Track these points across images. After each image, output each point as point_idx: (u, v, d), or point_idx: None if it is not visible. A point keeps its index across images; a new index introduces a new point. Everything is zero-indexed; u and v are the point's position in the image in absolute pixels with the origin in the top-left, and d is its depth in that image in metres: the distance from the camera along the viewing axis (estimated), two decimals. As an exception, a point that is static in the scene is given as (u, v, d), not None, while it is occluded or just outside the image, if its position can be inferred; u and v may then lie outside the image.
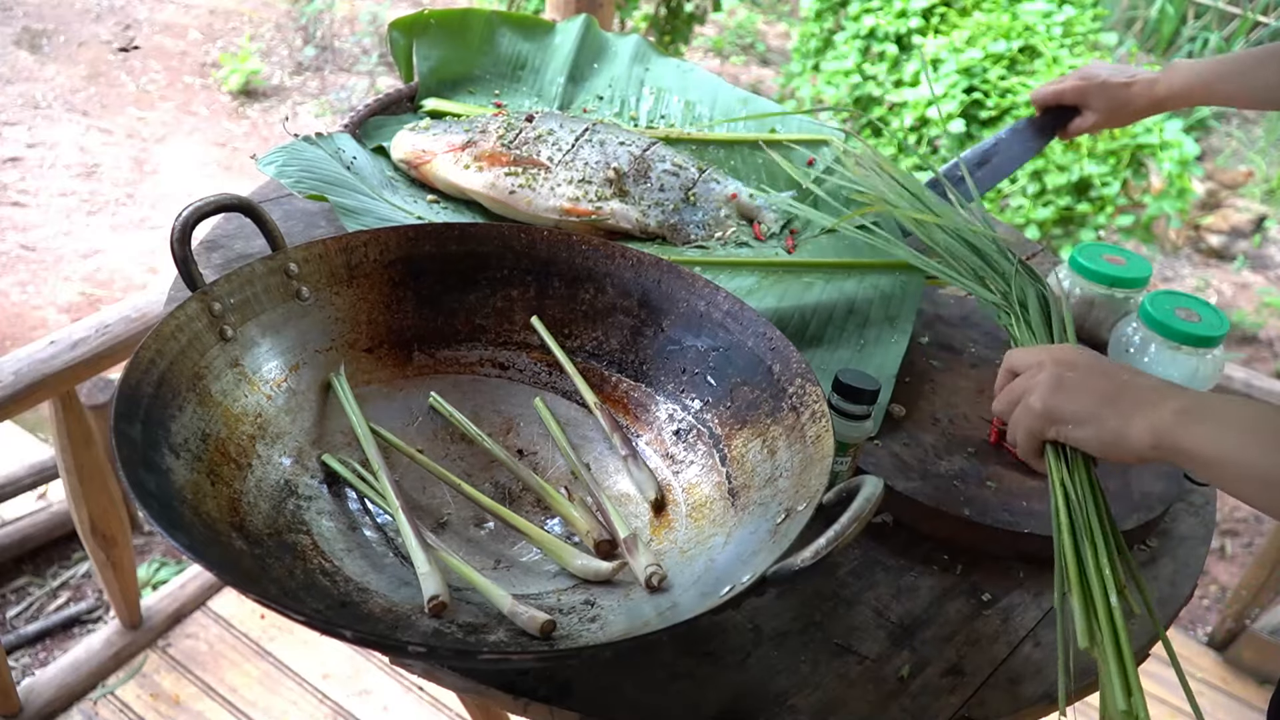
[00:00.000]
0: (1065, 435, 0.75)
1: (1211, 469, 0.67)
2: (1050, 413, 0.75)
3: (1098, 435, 0.72)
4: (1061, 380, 0.75)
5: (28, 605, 2.15)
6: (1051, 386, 0.76)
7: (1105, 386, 0.74)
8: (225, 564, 0.67)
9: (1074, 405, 0.74)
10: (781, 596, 0.83)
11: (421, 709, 1.94)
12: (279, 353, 0.86)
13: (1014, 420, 0.79)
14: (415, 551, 0.74)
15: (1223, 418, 0.67)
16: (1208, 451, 0.66)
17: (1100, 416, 0.72)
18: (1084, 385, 0.74)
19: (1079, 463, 0.76)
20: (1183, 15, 4.99)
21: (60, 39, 4.54)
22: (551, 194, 1.15)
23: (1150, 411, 0.70)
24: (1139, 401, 0.71)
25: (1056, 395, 0.75)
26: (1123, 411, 0.71)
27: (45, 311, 3.15)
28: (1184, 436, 0.67)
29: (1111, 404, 0.72)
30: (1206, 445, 0.67)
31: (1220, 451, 0.66)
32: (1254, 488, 0.65)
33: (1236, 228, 4.19)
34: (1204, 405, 0.69)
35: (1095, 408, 0.73)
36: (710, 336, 0.91)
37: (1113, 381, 0.74)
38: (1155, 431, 0.69)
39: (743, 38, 5.32)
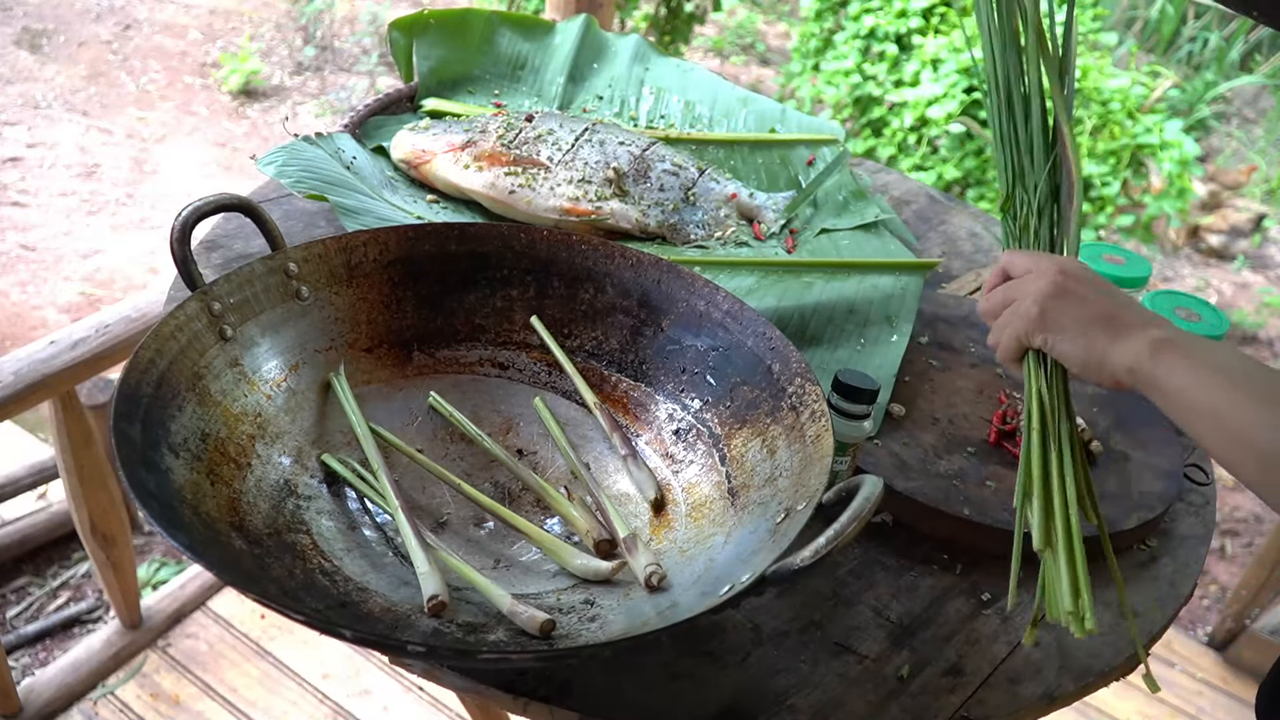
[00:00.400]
0: (1051, 345, 0.74)
1: (1173, 401, 0.67)
2: (1044, 318, 0.74)
3: (1085, 350, 0.72)
4: (1063, 289, 0.75)
5: (28, 605, 2.15)
6: (1051, 293, 0.75)
7: (1104, 305, 0.73)
8: (225, 564, 0.67)
9: (1069, 317, 0.73)
10: (781, 596, 0.83)
11: (421, 709, 1.94)
12: (278, 352, 0.86)
13: (1002, 321, 0.78)
14: (415, 551, 0.74)
15: (1199, 354, 0.67)
16: (1174, 382, 0.66)
17: (1090, 333, 0.72)
18: (1084, 299, 0.74)
19: (1057, 374, 0.76)
20: (1183, 15, 4.99)
21: (60, 39, 4.53)
22: (551, 194, 1.15)
23: (1138, 335, 0.70)
24: (1130, 324, 0.71)
25: (1055, 302, 0.74)
26: (1113, 332, 0.71)
27: (45, 311, 3.15)
28: (1158, 364, 0.67)
29: (1105, 324, 0.72)
30: (1174, 376, 0.67)
31: (1184, 383, 0.66)
32: (1207, 425, 0.65)
33: (1236, 227, 4.18)
34: (1186, 341, 0.69)
35: (1088, 323, 0.72)
36: (710, 336, 0.91)
37: (1113, 301, 0.73)
38: (1134, 355, 0.69)
39: (743, 38, 5.32)
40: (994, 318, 0.80)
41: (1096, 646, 0.85)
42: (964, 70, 3.21)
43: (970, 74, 3.20)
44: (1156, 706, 2.16)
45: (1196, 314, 1.08)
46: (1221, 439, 0.65)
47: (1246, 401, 0.64)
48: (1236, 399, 0.64)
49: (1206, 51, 4.90)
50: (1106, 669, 0.83)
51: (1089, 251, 1.17)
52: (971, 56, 1.00)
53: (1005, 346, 0.78)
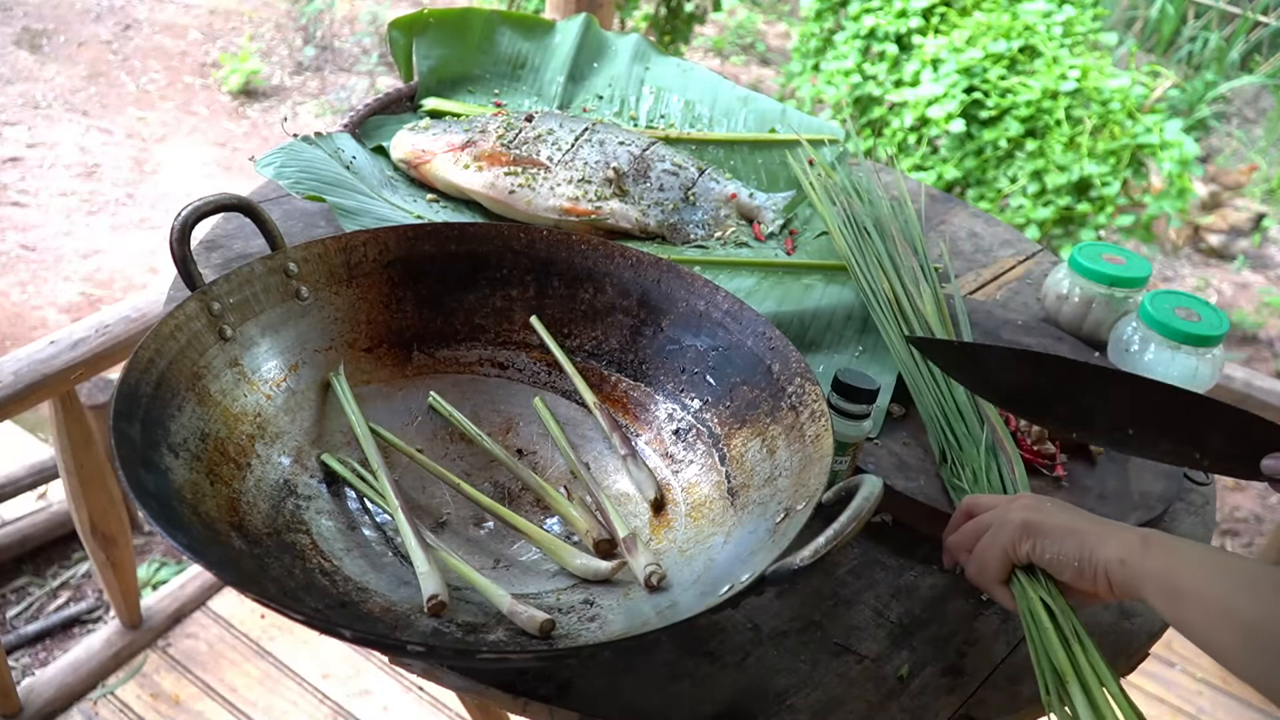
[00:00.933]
0: (1040, 550, 0.74)
1: (1162, 587, 0.68)
2: (1030, 526, 0.74)
3: (1076, 549, 0.72)
4: (1040, 504, 0.77)
5: (28, 605, 2.15)
6: (1031, 506, 0.77)
7: (1083, 516, 0.75)
8: (225, 564, 0.67)
9: (1055, 523, 0.74)
10: (781, 596, 0.83)
11: (421, 709, 1.94)
12: (278, 352, 0.86)
13: (983, 544, 0.77)
14: (415, 551, 0.74)
15: (1186, 546, 0.69)
16: (1166, 566, 0.68)
17: (1079, 531, 0.73)
18: (1062, 510, 0.76)
19: (1054, 588, 0.75)
20: (1183, 15, 4.99)
21: (60, 39, 4.54)
22: (551, 194, 1.15)
23: (1127, 532, 0.71)
24: (1114, 527, 0.72)
25: (1036, 514, 0.75)
26: (1100, 533, 0.72)
27: (45, 311, 3.15)
28: (1149, 554, 0.69)
29: (1090, 526, 0.73)
30: (1165, 561, 0.68)
31: (1174, 566, 0.68)
32: (1195, 608, 0.66)
33: (1236, 227, 4.19)
34: (1168, 538, 0.70)
35: (1075, 528, 0.73)
36: (710, 336, 0.91)
37: (1088, 515, 0.75)
38: (1127, 547, 0.70)
39: (743, 38, 5.32)
40: (968, 550, 0.79)
41: (1096, 646, 0.84)
42: (964, 70, 3.21)
43: (970, 74, 3.20)
44: (1156, 706, 2.16)
45: (1196, 314, 1.08)
46: (1208, 620, 0.66)
47: (1230, 581, 0.65)
48: (1223, 579, 0.66)
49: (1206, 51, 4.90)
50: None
51: (1089, 251, 1.16)
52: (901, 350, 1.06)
53: (991, 568, 0.77)
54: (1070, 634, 0.73)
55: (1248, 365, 3.21)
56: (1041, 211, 3.23)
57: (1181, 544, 0.70)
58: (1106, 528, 0.73)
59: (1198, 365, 1.06)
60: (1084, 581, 0.72)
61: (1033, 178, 3.23)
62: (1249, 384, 1.95)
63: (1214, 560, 0.68)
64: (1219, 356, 1.07)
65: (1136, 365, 1.08)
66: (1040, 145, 3.20)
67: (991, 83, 3.21)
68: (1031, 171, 3.22)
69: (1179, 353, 1.06)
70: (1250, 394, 1.93)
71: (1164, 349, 1.06)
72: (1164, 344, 1.06)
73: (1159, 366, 1.07)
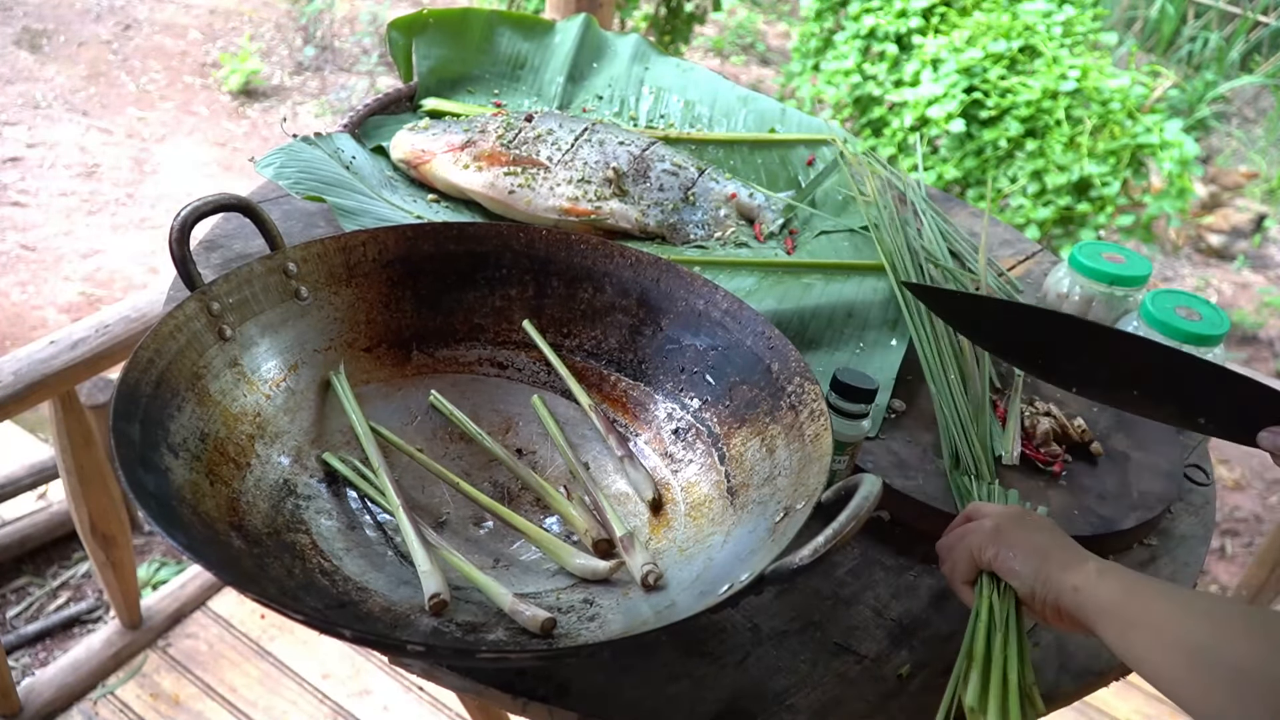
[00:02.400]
0: (1004, 562, 0.75)
1: (1113, 617, 0.68)
2: (1000, 533, 0.76)
3: (1034, 570, 0.73)
4: (1021, 517, 0.78)
5: (28, 605, 2.15)
6: (1009, 515, 0.78)
7: (1057, 539, 0.76)
8: (225, 564, 0.67)
9: (1021, 537, 0.75)
10: (780, 596, 0.83)
11: (421, 709, 1.94)
12: (278, 352, 0.86)
13: (954, 536, 0.80)
14: (416, 550, 0.74)
15: (1143, 580, 0.69)
16: (1116, 596, 0.68)
17: (1046, 556, 0.74)
18: (1039, 528, 0.77)
19: (1009, 597, 0.76)
20: (1183, 15, 4.98)
21: (60, 39, 4.53)
22: (551, 194, 1.15)
23: (1087, 563, 0.72)
24: (1079, 557, 0.73)
25: (1010, 524, 0.77)
26: (1061, 560, 0.73)
27: (45, 311, 3.15)
28: (1102, 582, 0.69)
29: (1056, 551, 0.74)
30: (1117, 592, 0.68)
31: (1126, 597, 0.68)
32: (1145, 637, 0.66)
33: (1237, 227, 4.18)
34: (1125, 571, 0.71)
35: (1039, 548, 0.74)
36: (709, 335, 0.91)
37: (1065, 540, 0.76)
38: (1082, 576, 0.70)
39: (743, 38, 5.32)
40: (949, 551, 0.81)
41: (1096, 647, 0.84)
42: (964, 70, 3.21)
43: (971, 74, 3.20)
44: (1156, 706, 2.16)
45: (1197, 313, 1.08)
46: (1159, 652, 0.65)
47: (1182, 611, 0.65)
48: (1174, 610, 0.66)
49: (1206, 51, 4.90)
50: (1106, 669, 0.83)
51: (1089, 250, 1.16)
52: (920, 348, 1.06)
53: (959, 567, 0.78)
54: (1003, 636, 0.73)
55: (1248, 365, 3.21)
56: (1041, 211, 3.23)
57: (1139, 577, 0.70)
58: (1071, 555, 0.73)
59: (1197, 365, 1.06)
60: (1035, 602, 0.73)
61: (1033, 178, 3.23)
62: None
63: (1169, 593, 0.67)
64: (1220, 356, 1.07)
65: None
66: (1040, 145, 3.20)
67: (991, 83, 3.21)
68: (1031, 172, 3.22)
69: (1179, 352, 1.05)
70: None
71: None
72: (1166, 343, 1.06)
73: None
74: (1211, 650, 0.62)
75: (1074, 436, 1.01)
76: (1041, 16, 3.30)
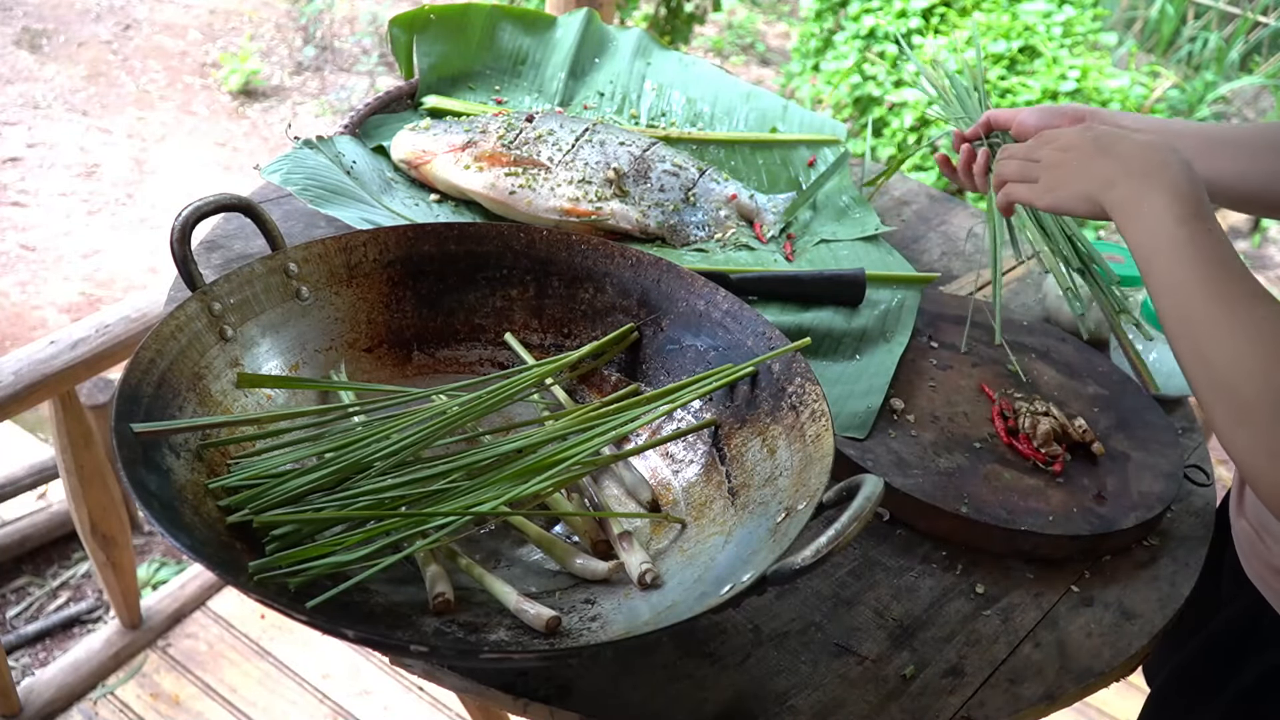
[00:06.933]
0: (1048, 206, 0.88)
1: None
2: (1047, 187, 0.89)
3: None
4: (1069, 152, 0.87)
5: (28, 605, 2.15)
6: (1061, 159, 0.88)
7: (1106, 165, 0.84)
8: (225, 564, 0.67)
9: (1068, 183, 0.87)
10: (781, 597, 0.83)
11: (421, 709, 1.94)
12: (279, 352, 0.86)
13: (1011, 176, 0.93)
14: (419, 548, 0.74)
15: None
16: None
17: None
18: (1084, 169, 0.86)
19: None
20: (1183, 15, 4.98)
21: (60, 39, 4.53)
22: (551, 194, 1.15)
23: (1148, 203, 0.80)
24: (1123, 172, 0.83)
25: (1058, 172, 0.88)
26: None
27: (45, 311, 3.15)
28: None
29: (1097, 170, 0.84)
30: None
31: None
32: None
33: (1234, 227, 4.19)
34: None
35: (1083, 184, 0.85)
36: (710, 336, 0.91)
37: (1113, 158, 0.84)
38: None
39: (743, 38, 5.31)
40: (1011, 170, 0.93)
41: (1097, 647, 0.85)
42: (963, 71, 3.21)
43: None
44: (1156, 706, 2.16)
45: (1197, 314, 1.08)
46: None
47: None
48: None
49: (1206, 51, 4.89)
50: (1106, 669, 0.83)
51: (1089, 251, 1.16)
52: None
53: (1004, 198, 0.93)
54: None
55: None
56: (1041, 211, 3.23)
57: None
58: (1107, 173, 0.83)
59: (1198, 365, 1.06)
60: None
61: (1033, 178, 3.22)
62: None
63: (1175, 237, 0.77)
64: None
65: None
66: (1040, 145, 3.19)
67: (991, 83, 3.21)
68: (1031, 171, 3.22)
69: (1180, 353, 1.05)
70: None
71: (1167, 348, 1.06)
72: (1168, 344, 1.06)
73: (1162, 365, 1.07)
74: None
75: (1074, 436, 1.01)
76: (1041, 17, 3.30)
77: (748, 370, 0.86)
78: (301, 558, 0.69)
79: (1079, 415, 1.04)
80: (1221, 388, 0.72)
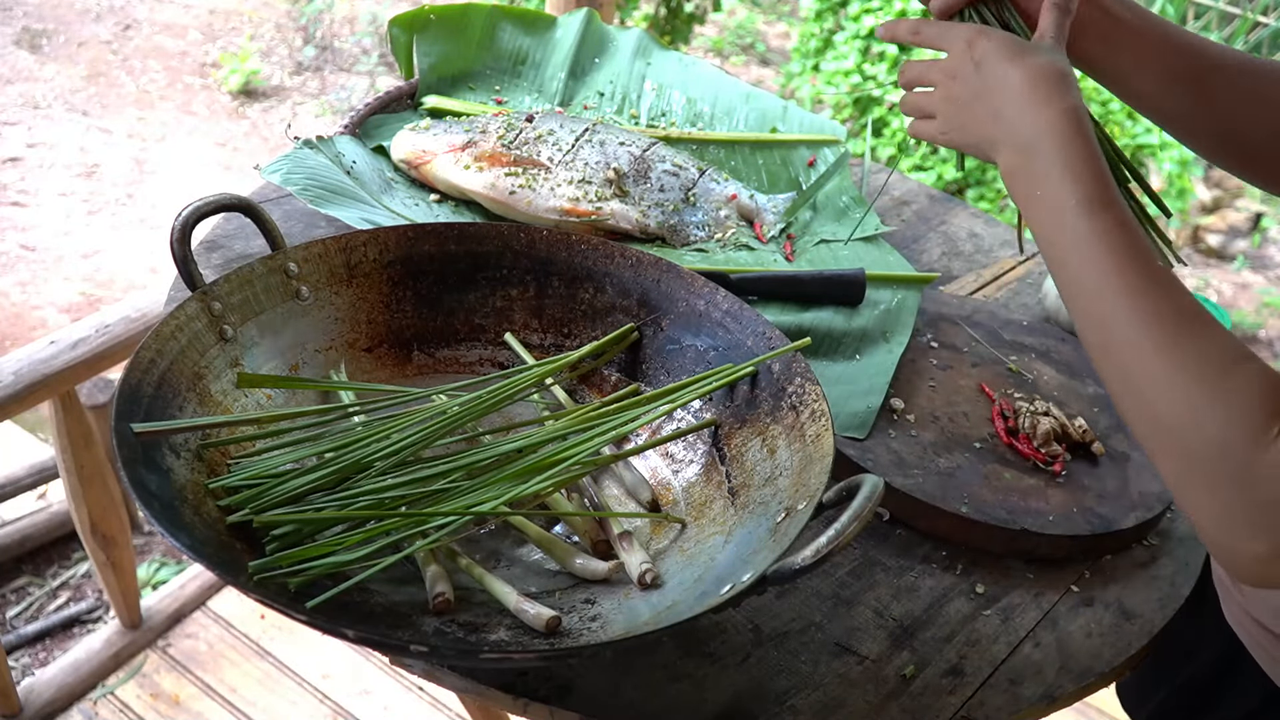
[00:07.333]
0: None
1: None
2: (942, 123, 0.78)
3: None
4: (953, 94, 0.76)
5: (28, 605, 2.15)
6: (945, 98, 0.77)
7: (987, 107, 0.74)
8: (225, 564, 0.67)
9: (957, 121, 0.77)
10: (781, 596, 0.83)
11: (421, 709, 1.94)
12: (279, 352, 0.86)
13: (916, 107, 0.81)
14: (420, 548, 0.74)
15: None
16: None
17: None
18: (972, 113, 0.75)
19: None
20: (1183, 15, 4.98)
21: (60, 39, 4.53)
22: (551, 194, 1.15)
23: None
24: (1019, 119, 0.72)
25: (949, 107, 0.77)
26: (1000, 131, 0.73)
27: (45, 311, 3.15)
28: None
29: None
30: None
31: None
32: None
33: (1234, 226, 4.19)
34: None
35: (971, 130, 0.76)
36: (710, 336, 0.91)
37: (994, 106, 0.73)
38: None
39: (743, 38, 5.31)
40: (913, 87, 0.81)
41: (1097, 647, 0.85)
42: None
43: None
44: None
45: (1197, 314, 1.08)
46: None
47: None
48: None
49: (1206, 51, 4.89)
50: (1106, 669, 0.83)
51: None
52: None
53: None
54: None
55: (1247, 365, 3.20)
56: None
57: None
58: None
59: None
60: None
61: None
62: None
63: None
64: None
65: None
66: (1040, 145, 3.19)
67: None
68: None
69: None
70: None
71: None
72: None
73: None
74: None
75: (1074, 436, 1.01)
76: (1041, 17, 3.30)
77: (748, 370, 0.86)
78: (301, 558, 0.69)
79: (1079, 415, 1.04)
80: (1165, 435, 0.60)
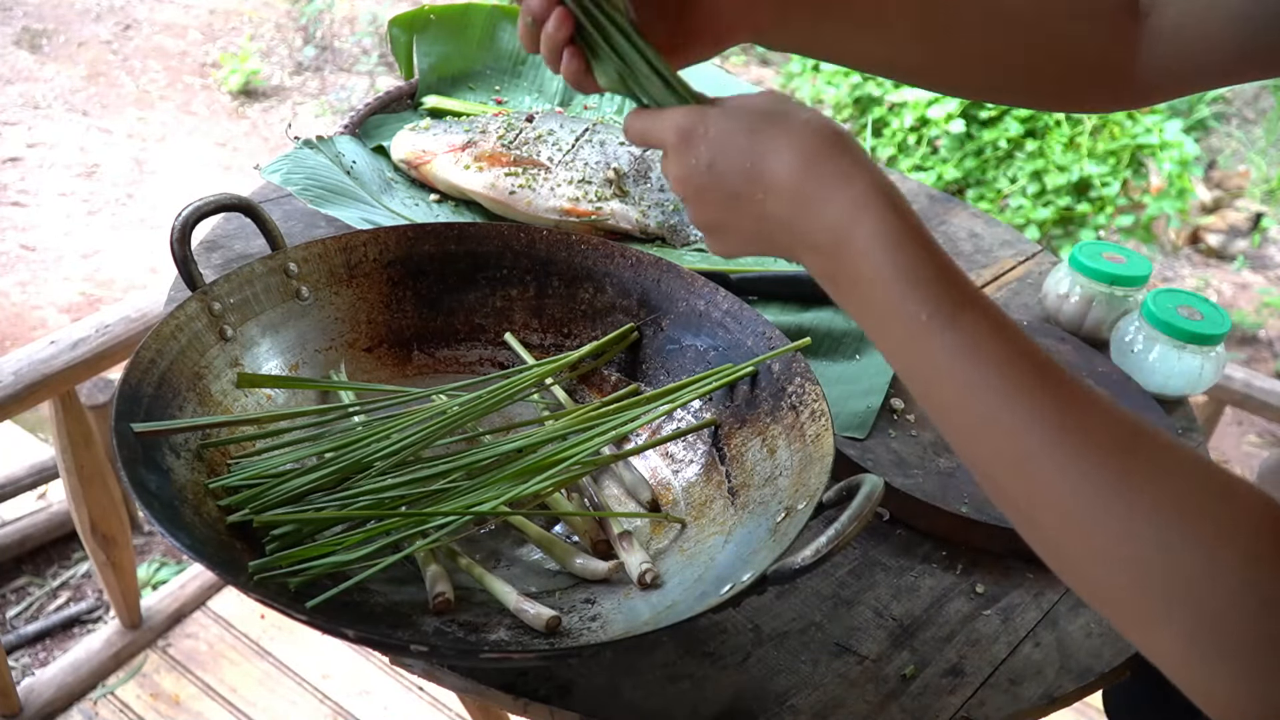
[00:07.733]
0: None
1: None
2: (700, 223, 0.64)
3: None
4: (696, 188, 0.62)
5: (28, 605, 2.15)
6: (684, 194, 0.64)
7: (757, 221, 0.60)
8: (225, 564, 0.67)
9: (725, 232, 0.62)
10: (781, 596, 0.83)
11: (421, 709, 1.94)
12: (279, 352, 0.86)
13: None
14: (420, 548, 0.74)
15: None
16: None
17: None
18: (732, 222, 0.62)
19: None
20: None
21: (60, 39, 4.53)
22: (551, 194, 1.15)
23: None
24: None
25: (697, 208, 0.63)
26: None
27: (45, 311, 3.15)
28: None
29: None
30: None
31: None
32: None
33: (1235, 226, 4.19)
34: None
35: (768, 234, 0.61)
36: (710, 336, 0.91)
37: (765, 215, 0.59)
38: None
39: (743, 38, 5.31)
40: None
41: (1097, 647, 0.85)
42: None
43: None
44: (1157, 706, 2.16)
45: (1199, 312, 1.08)
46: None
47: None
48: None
49: (1206, 51, 4.89)
50: (1106, 669, 0.83)
51: (1089, 249, 1.17)
52: None
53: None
54: None
55: (1248, 365, 3.21)
56: (1041, 212, 3.23)
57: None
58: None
59: (1203, 364, 1.06)
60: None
61: (1032, 178, 3.23)
62: (1249, 384, 1.95)
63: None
64: (1222, 355, 1.08)
65: (1141, 365, 1.08)
66: (1040, 145, 3.20)
67: (991, 83, 3.21)
68: (1031, 172, 3.22)
69: (1184, 352, 1.06)
70: (1250, 394, 1.94)
71: (1169, 348, 1.06)
72: (1169, 343, 1.06)
73: (1163, 365, 1.07)
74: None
75: (1075, 437, 1.01)
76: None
77: (748, 370, 0.86)
78: (301, 557, 0.69)
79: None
80: (1156, 603, 0.46)
